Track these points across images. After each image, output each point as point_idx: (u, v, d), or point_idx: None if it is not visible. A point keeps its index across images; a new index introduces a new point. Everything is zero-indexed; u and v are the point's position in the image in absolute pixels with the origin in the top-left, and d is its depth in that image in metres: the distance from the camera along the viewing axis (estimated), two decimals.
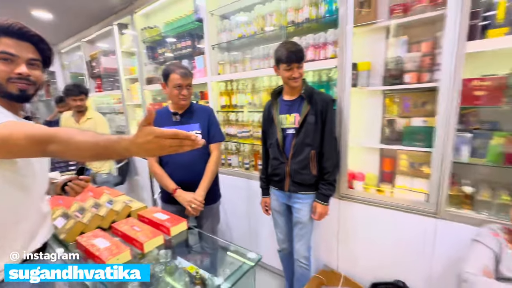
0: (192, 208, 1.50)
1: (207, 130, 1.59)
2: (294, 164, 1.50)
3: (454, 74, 1.26)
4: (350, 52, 1.54)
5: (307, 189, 1.53)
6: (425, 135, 1.41)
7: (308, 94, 1.44)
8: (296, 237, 1.64)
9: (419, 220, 1.48)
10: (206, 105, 2.22)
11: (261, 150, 1.74)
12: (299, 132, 1.46)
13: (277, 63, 1.44)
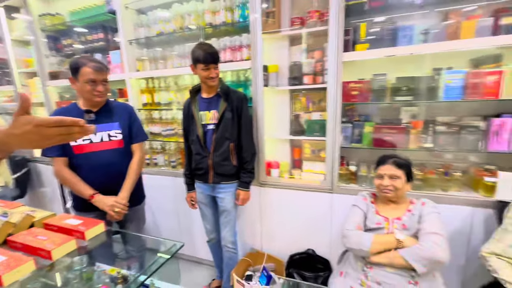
0: (116, 212, 1.42)
1: (128, 129, 1.52)
2: (216, 157, 1.62)
3: (336, 77, 1.59)
4: (260, 56, 1.74)
5: (229, 179, 1.67)
6: (321, 126, 1.74)
7: (224, 92, 1.57)
8: (222, 225, 1.77)
9: (320, 197, 1.81)
10: (126, 102, 2.11)
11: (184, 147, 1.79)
12: (218, 127, 1.58)
13: (194, 63, 1.52)
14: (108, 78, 1.45)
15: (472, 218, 1.50)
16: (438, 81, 1.47)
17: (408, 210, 1.27)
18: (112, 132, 1.47)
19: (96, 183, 1.44)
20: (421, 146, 1.59)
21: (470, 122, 1.51)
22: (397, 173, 1.28)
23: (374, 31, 1.54)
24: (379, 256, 1.18)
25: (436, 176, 1.62)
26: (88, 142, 1.43)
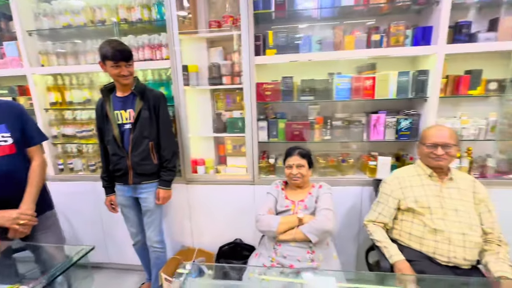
0: (21, 225, 1.24)
1: (20, 132, 1.33)
2: (135, 157, 1.59)
3: (250, 79, 1.75)
4: (179, 55, 1.78)
5: (150, 178, 1.66)
6: (241, 124, 1.88)
7: (139, 91, 1.56)
8: (147, 225, 1.75)
9: (244, 189, 1.95)
10: (13, 101, 1.84)
11: (99, 148, 1.70)
12: (135, 126, 1.56)
13: (102, 60, 1.46)
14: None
15: (362, 195, 1.86)
16: (332, 84, 1.76)
17: (309, 193, 1.51)
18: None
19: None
20: (323, 138, 1.88)
21: (356, 117, 1.86)
22: (302, 162, 1.50)
23: (280, 38, 1.74)
24: (285, 234, 1.37)
25: (335, 163, 1.94)
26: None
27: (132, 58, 1.50)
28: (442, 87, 1.72)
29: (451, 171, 1.41)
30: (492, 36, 1.60)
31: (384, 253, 1.36)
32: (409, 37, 1.68)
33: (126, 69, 1.48)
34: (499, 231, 1.32)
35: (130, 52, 1.48)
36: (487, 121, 1.71)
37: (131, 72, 1.52)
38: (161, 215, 1.78)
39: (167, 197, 1.71)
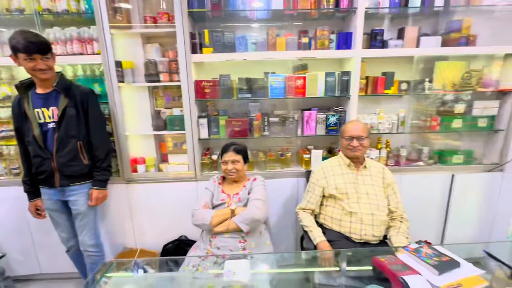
0: None
1: None
2: (61, 158, 1.50)
3: (188, 76, 1.76)
4: (111, 51, 1.71)
5: (80, 180, 1.58)
6: (180, 121, 1.88)
7: (63, 87, 1.46)
8: (79, 229, 1.66)
9: (186, 186, 1.97)
10: None
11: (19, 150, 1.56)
12: (60, 125, 1.47)
13: (14, 53, 1.34)
14: None
15: (298, 186, 2.01)
16: (267, 82, 1.87)
17: (244, 186, 1.59)
18: None
19: None
20: (262, 134, 1.98)
21: (291, 114, 2.00)
22: (236, 158, 1.57)
23: (216, 37, 1.79)
24: (219, 226, 1.43)
25: (274, 157, 2.06)
26: None
27: (50, 51, 1.40)
28: (363, 87, 1.95)
29: (365, 160, 1.61)
30: (399, 43, 1.86)
31: (310, 236, 1.51)
32: (333, 41, 1.85)
33: (42, 63, 1.37)
34: (402, 210, 1.55)
35: (46, 44, 1.38)
36: (398, 117, 1.98)
37: (50, 66, 1.41)
38: (95, 218, 1.71)
39: (102, 197, 1.65)
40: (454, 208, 2.05)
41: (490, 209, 2.06)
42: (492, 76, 1.96)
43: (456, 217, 2.07)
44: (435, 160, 2.09)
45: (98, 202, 1.63)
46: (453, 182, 2.01)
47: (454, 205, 2.04)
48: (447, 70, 1.94)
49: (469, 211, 2.07)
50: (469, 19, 1.86)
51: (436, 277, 0.85)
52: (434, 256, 0.93)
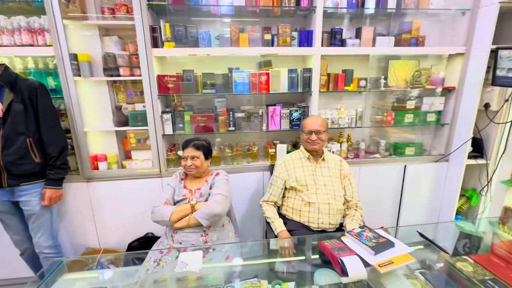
0: None
1: None
2: (8, 156, 1.41)
3: (149, 71, 1.73)
4: (65, 43, 1.62)
5: (31, 179, 1.50)
6: (143, 117, 1.84)
7: (7, 81, 1.38)
8: (33, 231, 1.58)
9: (152, 182, 1.94)
10: None
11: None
12: (5, 122, 1.38)
13: None
14: None
15: (263, 179, 2.06)
16: (231, 78, 1.89)
17: (206, 181, 1.60)
18: None
19: None
20: (227, 129, 2.00)
21: (255, 110, 2.04)
22: (196, 153, 1.57)
23: (179, 31, 1.77)
24: (179, 222, 1.44)
25: (241, 152, 2.10)
26: None
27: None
28: (325, 83, 2.04)
29: (324, 153, 1.70)
30: (357, 42, 1.97)
31: (272, 227, 1.57)
32: (295, 39, 1.91)
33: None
34: (357, 199, 1.67)
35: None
36: (356, 112, 2.11)
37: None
38: (51, 218, 1.63)
39: (56, 197, 1.58)
40: (407, 196, 2.23)
41: (438, 195, 2.27)
42: (439, 75, 2.15)
43: (409, 204, 2.25)
44: (391, 152, 2.25)
45: (51, 202, 1.56)
46: (405, 172, 2.18)
47: (407, 193, 2.22)
48: (400, 69, 2.09)
49: (420, 197, 2.27)
50: (418, 21, 2.01)
51: (372, 256, 0.94)
52: (373, 239, 1.02)
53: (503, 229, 1.41)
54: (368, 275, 0.94)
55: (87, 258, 1.79)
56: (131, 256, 1.89)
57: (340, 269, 0.90)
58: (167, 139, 2.03)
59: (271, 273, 1.25)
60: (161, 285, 1.03)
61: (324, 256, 1.05)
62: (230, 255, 1.34)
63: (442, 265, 1.09)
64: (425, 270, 1.08)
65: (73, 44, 1.69)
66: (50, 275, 1.00)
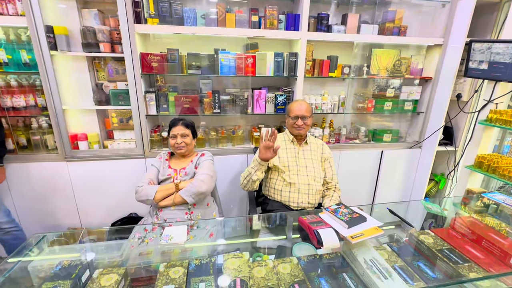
0: None
1: None
2: None
3: (131, 48, 1.67)
4: (39, 13, 1.53)
5: None
6: (126, 96, 1.80)
7: None
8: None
9: (134, 163, 1.93)
10: None
11: None
12: None
13: None
14: None
15: (248, 162, 2.11)
16: (217, 60, 1.87)
17: (191, 161, 1.62)
18: None
19: None
20: (213, 112, 2.00)
21: (240, 93, 2.05)
22: (186, 131, 1.58)
23: (163, 7, 1.71)
24: (165, 200, 1.47)
25: (226, 135, 2.11)
26: None
27: None
28: (310, 69, 2.07)
29: (307, 137, 1.76)
30: (342, 29, 2.00)
31: (251, 171, 1.57)
32: (282, 22, 1.91)
33: None
34: (336, 181, 1.76)
35: None
36: (338, 98, 2.17)
37: None
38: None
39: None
40: (382, 179, 2.37)
41: (410, 178, 2.43)
42: (418, 65, 2.24)
43: (384, 186, 2.40)
44: (369, 138, 2.36)
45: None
46: (382, 157, 2.31)
47: (382, 176, 2.36)
48: (382, 57, 2.16)
49: (394, 181, 2.42)
50: (401, 11, 2.07)
51: (346, 229, 1.02)
52: (348, 214, 1.10)
53: (464, 209, 1.56)
54: (342, 247, 1.03)
55: (69, 234, 1.79)
56: (115, 235, 1.92)
57: (317, 240, 0.97)
58: (151, 119, 2.00)
59: (253, 249, 1.32)
60: (146, 257, 1.07)
61: (303, 232, 1.13)
62: (214, 233, 1.39)
63: (407, 239, 1.21)
64: (393, 243, 1.19)
65: (48, 16, 1.59)
66: (31, 249, 1.00)
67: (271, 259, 1.01)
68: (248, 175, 1.60)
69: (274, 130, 1.44)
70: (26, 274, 0.92)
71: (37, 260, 0.96)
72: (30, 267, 0.93)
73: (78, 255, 1.09)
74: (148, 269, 0.98)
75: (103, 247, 1.14)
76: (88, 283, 0.84)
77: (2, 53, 1.63)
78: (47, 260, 0.96)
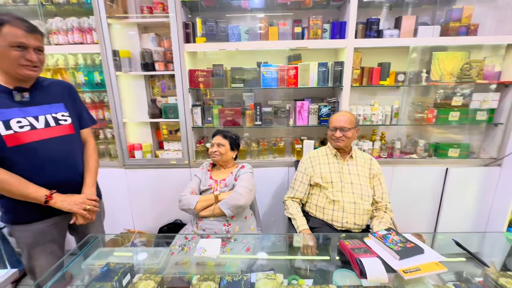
0: (88, 210, 1.16)
1: (75, 112, 1.23)
2: None
3: (181, 66, 1.81)
4: (108, 40, 1.78)
5: None
6: (175, 109, 1.94)
7: None
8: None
9: (181, 172, 2.05)
10: (63, 80, 1.53)
11: None
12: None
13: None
14: (43, 46, 1.07)
15: (289, 175, 2.04)
16: (260, 73, 1.89)
17: (231, 173, 1.64)
18: (58, 115, 1.16)
19: (45, 182, 1.09)
20: (254, 124, 2.01)
21: (282, 104, 2.02)
22: (222, 141, 1.62)
23: (210, 27, 1.81)
24: (205, 211, 1.50)
25: (267, 146, 2.10)
26: (29, 129, 1.06)
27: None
28: (358, 78, 1.94)
29: (352, 151, 1.62)
30: (395, 33, 1.82)
31: (294, 224, 1.55)
32: (327, 31, 1.84)
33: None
34: (387, 200, 1.56)
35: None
36: (391, 108, 1.96)
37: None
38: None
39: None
40: (448, 202, 2.02)
41: (486, 203, 2.02)
42: (494, 68, 1.90)
43: (450, 210, 2.05)
44: (430, 153, 2.06)
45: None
46: (447, 175, 1.98)
47: (448, 199, 2.02)
48: (446, 61, 1.89)
49: (463, 204, 2.05)
50: (470, 7, 1.79)
51: (397, 261, 0.88)
52: (400, 243, 0.95)
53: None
54: (392, 281, 0.88)
55: (123, 236, 1.98)
56: (161, 240, 2.05)
57: (359, 270, 0.85)
58: (197, 131, 2.11)
59: (291, 268, 1.25)
60: (182, 267, 1.09)
61: (343, 256, 1.01)
62: (250, 247, 1.36)
63: (481, 279, 0.98)
64: (461, 283, 0.98)
65: (115, 41, 1.84)
66: (87, 248, 1.12)
67: (307, 285, 0.92)
68: (291, 216, 1.58)
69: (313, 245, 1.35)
70: (79, 271, 1.02)
71: (90, 259, 1.06)
72: (83, 265, 1.03)
73: (126, 255, 1.18)
74: (182, 279, 1.00)
75: (145, 252, 1.20)
76: (128, 287, 0.89)
77: (81, 75, 1.94)
78: (98, 260, 1.05)
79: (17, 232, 1.15)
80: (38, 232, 1.14)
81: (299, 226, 1.51)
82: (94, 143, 1.34)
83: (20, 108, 1.05)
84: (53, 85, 1.20)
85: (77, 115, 1.25)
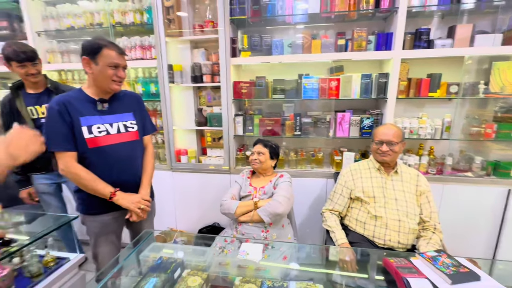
0: (141, 209, 1.31)
1: (140, 120, 1.40)
2: None
3: (226, 78, 1.94)
4: (165, 55, 1.99)
5: None
6: (219, 118, 2.07)
7: (54, 87, 1.69)
8: None
9: (221, 177, 2.16)
10: (133, 91, 1.71)
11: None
12: None
13: (7, 61, 1.52)
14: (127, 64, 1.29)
15: (327, 186, 2.02)
16: (301, 84, 1.93)
17: (270, 181, 1.69)
18: (128, 123, 1.34)
19: (111, 180, 1.27)
20: (294, 134, 2.05)
21: (322, 115, 2.02)
22: (262, 150, 1.68)
23: (255, 41, 1.92)
24: (244, 216, 1.57)
25: (305, 157, 2.11)
26: (105, 134, 1.25)
27: (36, 59, 1.56)
28: (404, 89, 1.86)
29: (398, 165, 1.56)
30: (447, 43, 1.73)
31: (332, 237, 1.53)
32: (371, 42, 1.82)
33: (33, 68, 1.55)
34: (436, 220, 1.46)
35: (34, 53, 1.55)
36: (442, 122, 1.84)
37: (39, 70, 1.59)
38: None
39: None
40: (511, 226, 1.80)
41: None
42: None
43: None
44: (488, 172, 1.87)
45: None
46: (509, 197, 1.78)
47: (511, 223, 1.80)
48: (508, 71, 1.73)
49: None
50: None
51: (448, 286, 0.83)
52: (452, 266, 0.90)
53: None
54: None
55: (166, 234, 2.14)
56: (200, 240, 2.16)
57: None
58: (238, 139, 2.22)
59: (327, 282, 1.23)
60: (225, 268, 1.16)
61: (388, 275, 0.98)
62: (287, 256, 1.38)
63: None
64: None
65: (170, 56, 2.05)
66: (143, 242, 1.25)
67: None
68: (329, 229, 1.56)
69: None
70: (136, 262, 1.15)
71: (146, 252, 1.18)
72: (141, 256, 1.16)
73: (173, 252, 1.29)
74: (225, 279, 1.06)
75: (192, 250, 1.30)
76: (178, 280, 0.98)
77: (139, 86, 2.19)
78: (152, 253, 1.17)
79: (88, 222, 1.34)
80: (103, 223, 1.33)
81: (338, 240, 1.48)
82: (153, 149, 1.49)
83: (100, 116, 1.24)
84: (126, 96, 1.38)
85: (141, 123, 1.41)
